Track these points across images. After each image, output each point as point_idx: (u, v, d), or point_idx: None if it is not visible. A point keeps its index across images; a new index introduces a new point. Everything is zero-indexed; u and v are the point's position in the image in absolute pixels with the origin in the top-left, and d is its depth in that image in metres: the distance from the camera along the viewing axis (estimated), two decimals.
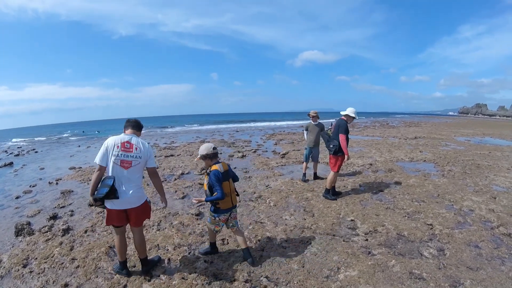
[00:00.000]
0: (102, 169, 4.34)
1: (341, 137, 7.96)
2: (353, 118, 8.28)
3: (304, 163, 10.69)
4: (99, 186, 4.32)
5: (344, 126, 8.01)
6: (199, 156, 5.04)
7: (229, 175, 5.03)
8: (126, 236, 5.03)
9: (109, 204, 4.39)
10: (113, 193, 4.21)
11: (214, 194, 4.71)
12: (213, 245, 5.56)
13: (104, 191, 4.14)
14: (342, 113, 8.35)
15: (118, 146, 4.32)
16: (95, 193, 4.29)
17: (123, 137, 4.45)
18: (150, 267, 5.09)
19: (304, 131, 10.61)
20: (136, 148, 4.42)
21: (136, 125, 4.74)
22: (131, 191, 4.40)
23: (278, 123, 66.19)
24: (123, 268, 4.98)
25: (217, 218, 5.05)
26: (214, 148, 5.01)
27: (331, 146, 8.20)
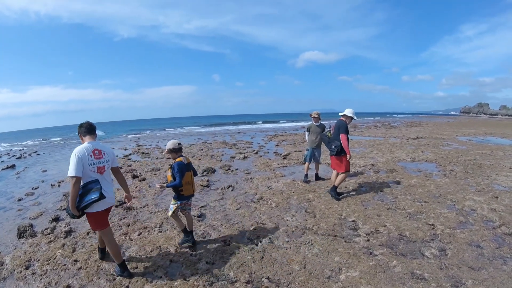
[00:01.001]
0: (79, 179, 4.45)
1: (342, 137, 8.02)
2: (352, 118, 8.36)
3: (306, 163, 10.65)
4: (82, 194, 4.48)
5: (344, 126, 8.09)
6: (166, 150, 5.74)
7: (190, 167, 5.77)
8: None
9: (95, 207, 4.56)
10: (103, 196, 4.45)
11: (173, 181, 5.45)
12: (185, 230, 6.02)
13: (97, 195, 4.38)
14: (341, 114, 8.45)
15: (91, 156, 4.54)
16: (81, 202, 4.45)
17: (89, 146, 4.60)
18: (103, 256, 5.53)
19: (306, 132, 10.59)
20: (104, 154, 4.74)
21: (91, 130, 4.86)
22: (110, 190, 4.79)
23: (279, 124, 66.17)
24: (124, 270, 5.01)
25: (179, 204, 5.70)
26: (179, 144, 5.82)
27: (333, 147, 8.24)
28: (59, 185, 11.72)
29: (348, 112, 8.33)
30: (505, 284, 4.50)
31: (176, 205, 5.69)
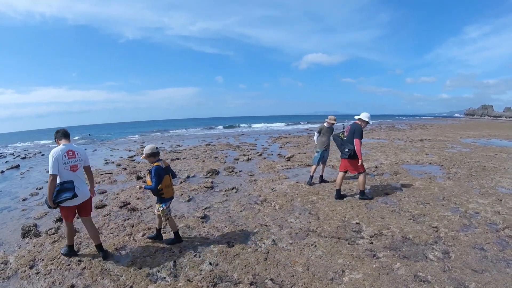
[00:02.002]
0: (55, 177, 5.15)
1: (356, 142, 8.05)
2: (367, 123, 8.40)
3: (314, 166, 10.62)
4: (57, 190, 5.17)
5: (359, 131, 8.11)
6: (144, 155, 5.91)
7: (168, 171, 6.00)
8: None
9: (68, 203, 5.27)
10: (76, 195, 5.16)
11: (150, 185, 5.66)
12: (159, 231, 6.40)
13: (70, 195, 5.09)
14: (357, 117, 8.45)
15: (65, 156, 5.23)
16: (57, 197, 5.15)
17: (64, 148, 5.31)
18: (106, 253, 5.76)
19: (316, 133, 10.58)
20: (77, 154, 5.43)
21: (66, 135, 5.56)
22: (82, 187, 5.44)
23: (283, 127, 66.11)
24: (71, 251, 5.81)
25: (165, 207, 5.93)
26: (157, 148, 6.01)
27: (346, 150, 8.24)
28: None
29: (365, 116, 8.33)
30: (509, 287, 4.49)
31: (163, 208, 5.92)
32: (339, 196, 8.79)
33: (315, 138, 10.66)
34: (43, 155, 23.81)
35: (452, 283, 4.60)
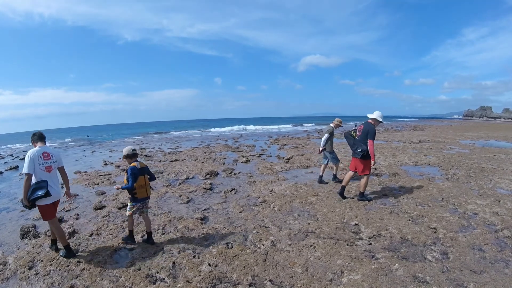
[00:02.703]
0: (31, 176, 5.45)
1: (370, 143, 8.11)
2: (380, 122, 8.46)
3: (323, 165, 10.94)
4: (32, 189, 5.40)
5: (373, 131, 8.16)
6: (122, 156, 6.27)
7: (144, 172, 6.22)
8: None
9: (45, 201, 5.51)
10: (49, 193, 5.40)
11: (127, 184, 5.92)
12: (131, 233, 6.46)
13: (43, 192, 5.32)
14: (370, 116, 8.47)
15: (40, 157, 5.54)
16: (31, 195, 5.36)
17: (40, 149, 5.63)
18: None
19: (327, 135, 10.50)
20: (52, 155, 5.74)
21: (42, 137, 5.88)
22: (56, 187, 5.75)
23: (282, 128, 66.15)
24: (70, 250, 5.88)
25: (135, 206, 6.17)
26: (134, 150, 6.28)
27: (358, 150, 8.23)
28: (62, 187, 11.74)
29: (378, 116, 8.38)
30: (507, 287, 4.51)
31: (132, 206, 6.18)
32: (342, 193, 8.87)
33: (324, 139, 10.54)
34: None
35: (450, 284, 4.62)
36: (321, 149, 10.70)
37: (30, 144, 5.93)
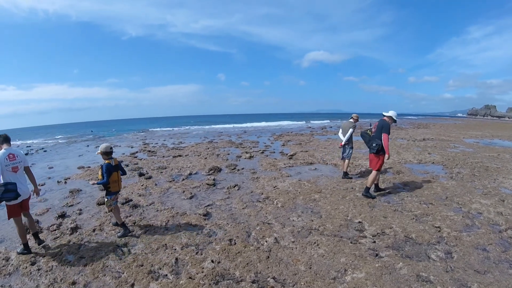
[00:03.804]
0: None
1: (385, 137, 8.20)
2: (394, 121, 8.60)
3: (347, 161, 11.12)
4: (5, 191, 5.50)
5: (387, 126, 8.30)
6: (99, 151, 6.63)
7: (118, 168, 6.73)
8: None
9: (13, 201, 5.70)
10: (19, 195, 5.63)
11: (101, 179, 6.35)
12: (123, 225, 6.77)
13: (13, 195, 5.51)
14: (385, 114, 8.63)
15: (6, 159, 5.73)
16: (1, 196, 5.47)
17: (5, 151, 5.79)
18: (41, 240, 6.31)
19: (352, 129, 10.75)
20: (17, 156, 5.94)
21: (7, 139, 6.07)
22: (23, 187, 5.91)
23: (285, 124, 66.01)
24: (27, 248, 6.00)
25: (110, 199, 6.59)
26: (111, 148, 6.67)
27: (373, 145, 8.37)
28: (65, 182, 11.78)
29: (393, 114, 8.56)
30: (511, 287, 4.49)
31: (108, 199, 6.61)
32: (378, 189, 9.14)
33: (349, 134, 10.73)
34: (45, 151, 23.87)
35: (454, 284, 4.59)
36: (343, 143, 10.88)
37: (33, 140, 5.98)
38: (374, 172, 8.57)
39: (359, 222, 6.96)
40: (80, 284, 4.88)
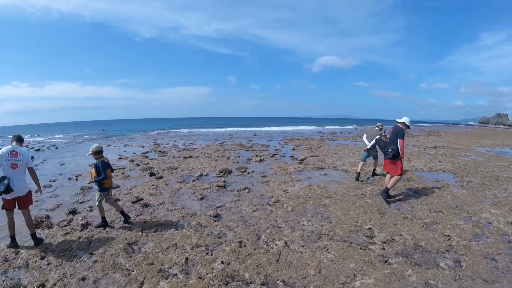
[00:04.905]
0: None
1: (400, 142, 8.39)
2: (408, 127, 8.81)
3: (362, 163, 12.08)
4: None
5: (402, 132, 8.51)
6: (90, 151, 7.08)
7: (109, 165, 7.15)
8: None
9: (6, 196, 5.92)
10: (10, 189, 5.84)
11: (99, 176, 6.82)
12: (103, 219, 7.19)
13: (2, 188, 5.72)
14: (399, 120, 8.83)
15: (8, 154, 6.02)
16: None
17: (10, 148, 6.14)
18: (38, 241, 6.33)
19: (378, 136, 11.11)
20: (20, 155, 6.17)
21: (19, 139, 6.46)
22: (19, 184, 6.09)
23: (296, 128, 65.95)
24: (13, 241, 6.19)
25: (103, 195, 7.01)
26: (101, 147, 7.18)
27: (389, 150, 8.57)
28: (76, 179, 11.89)
29: (406, 120, 8.81)
30: None
31: (100, 196, 7.00)
32: (388, 196, 9.06)
33: (376, 139, 11.00)
34: (56, 148, 24.07)
35: None
36: (368, 147, 11.60)
37: (44, 136, 6.12)
38: (397, 177, 8.75)
39: (369, 228, 6.96)
40: (89, 280, 4.95)
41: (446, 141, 31.52)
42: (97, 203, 7.03)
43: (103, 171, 6.79)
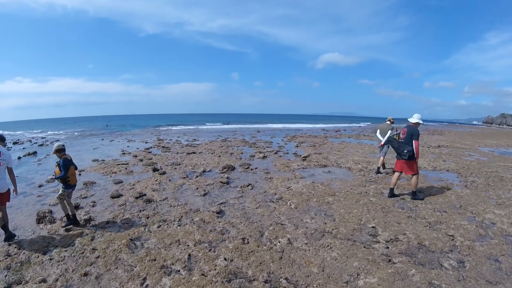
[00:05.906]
0: None
1: (416, 144, 8.51)
2: (420, 124, 8.99)
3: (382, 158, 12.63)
4: None
5: (417, 133, 8.62)
6: (53, 150, 7.06)
7: (72, 163, 7.19)
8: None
9: None
10: None
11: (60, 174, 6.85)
12: (68, 216, 7.05)
13: None
14: (411, 120, 8.95)
15: None
16: None
17: None
18: (11, 235, 6.28)
19: (391, 131, 11.95)
20: (2, 154, 6.22)
21: (1, 138, 6.55)
22: (0, 182, 6.14)
23: (299, 126, 65.92)
24: (6, 232, 6.27)
25: (67, 191, 6.99)
26: (63, 145, 7.18)
27: (405, 151, 8.62)
28: (79, 174, 11.89)
29: (419, 118, 9.02)
30: None
31: (64, 191, 6.95)
32: (392, 194, 9.15)
33: (389, 135, 11.69)
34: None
35: None
36: (382, 143, 11.96)
37: (47, 131, 6.16)
38: (415, 176, 8.86)
39: (373, 227, 6.94)
40: (92, 275, 4.94)
41: (450, 141, 31.42)
42: (56, 196, 7.09)
43: (63, 169, 6.84)
